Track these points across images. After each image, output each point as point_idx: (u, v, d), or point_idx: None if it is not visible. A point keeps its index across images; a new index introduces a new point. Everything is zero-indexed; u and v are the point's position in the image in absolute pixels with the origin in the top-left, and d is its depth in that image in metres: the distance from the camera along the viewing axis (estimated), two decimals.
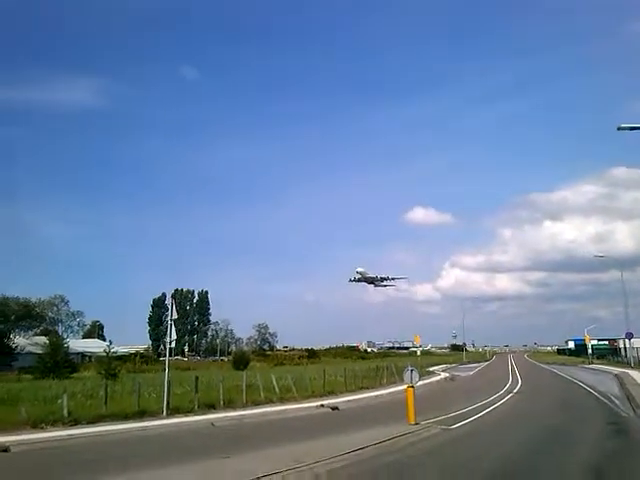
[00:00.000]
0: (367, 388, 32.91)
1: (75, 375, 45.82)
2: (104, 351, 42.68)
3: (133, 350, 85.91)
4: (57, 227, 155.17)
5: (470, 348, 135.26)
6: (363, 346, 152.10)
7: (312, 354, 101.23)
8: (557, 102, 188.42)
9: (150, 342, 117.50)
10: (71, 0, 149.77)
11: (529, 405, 25.96)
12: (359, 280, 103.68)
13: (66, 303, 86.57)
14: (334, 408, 23.39)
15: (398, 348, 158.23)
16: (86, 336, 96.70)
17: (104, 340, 78.95)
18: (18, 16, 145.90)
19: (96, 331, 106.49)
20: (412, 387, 17.71)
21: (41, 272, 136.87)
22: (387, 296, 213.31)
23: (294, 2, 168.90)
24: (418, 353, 52.15)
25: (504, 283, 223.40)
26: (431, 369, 57.74)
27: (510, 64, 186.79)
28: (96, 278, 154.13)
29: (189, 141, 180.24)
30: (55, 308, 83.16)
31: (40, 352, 48.73)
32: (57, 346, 47.13)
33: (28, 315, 60.74)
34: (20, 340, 59.15)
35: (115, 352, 45.90)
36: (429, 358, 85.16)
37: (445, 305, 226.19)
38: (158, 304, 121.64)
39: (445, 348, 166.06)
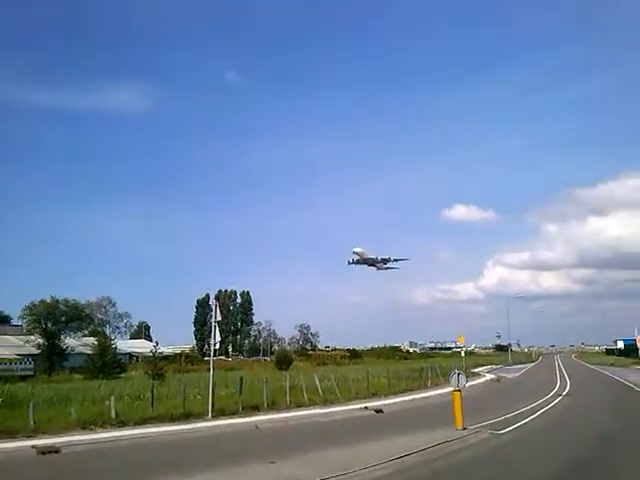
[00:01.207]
0: (411, 390, 32.53)
1: (123, 375, 46.83)
2: (151, 352, 43.51)
3: (179, 350, 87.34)
4: (104, 229, 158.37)
5: (515, 348, 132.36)
6: (405, 346, 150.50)
7: (354, 354, 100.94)
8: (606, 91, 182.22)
9: (195, 342, 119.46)
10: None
11: (579, 409, 25.15)
12: (358, 262, 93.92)
13: (113, 305, 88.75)
14: (378, 411, 23.14)
15: (441, 348, 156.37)
16: (133, 337, 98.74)
17: (151, 341, 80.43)
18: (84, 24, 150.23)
19: (143, 332, 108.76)
20: (459, 391, 17.34)
21: (88, 274, 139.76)
22: (429, 296, 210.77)
23: None
24: (462, 354, 51.04)
25: (550, 281, 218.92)
26: (476, 370, 56.87)
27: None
28: (141, 279, 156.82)
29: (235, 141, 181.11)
30: (103, 310, 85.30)
31: (90, 353, 49.95)
32: (105, 347, 48.24)
33: (77, 317, 62.19)
34: (70, 341, 60.77)
35: (161, 352, 46.63)
36: (473, 359, 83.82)
37: (489, 304, 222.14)
38: (202, 304, 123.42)
39: (489, 348, 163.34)
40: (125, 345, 72.85)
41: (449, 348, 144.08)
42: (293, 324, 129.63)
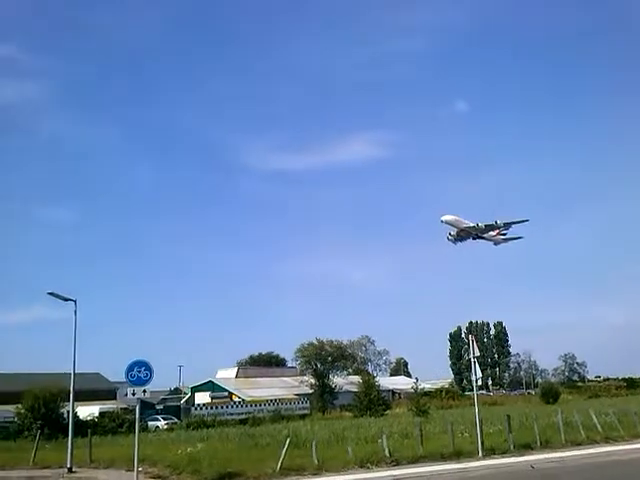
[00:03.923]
0: None
1: (388, 412, 48.42)
2: (412, 388, 44.65)
3: (438, 385, 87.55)
4: (352, 273, 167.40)
5: None
6: None
7: (631, 384, 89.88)
8: None
9: (452, 376, 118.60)
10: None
11: None
12: (459, 237, 69.84)
13: (372, 343, 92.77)
14: None
15: None
16: (393, 373, 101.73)
17: (409, 376, 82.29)
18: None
19: (401, 368, 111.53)
20: None
21: (347, 314, 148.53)
22: None
23: None
24: None
25: None
26: None
27: None
28: (396, 316, 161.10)
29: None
30: (363, 348, 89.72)
31: (355, 391, 52.87)
32: (370, 385, 50.54)
33: (342, 356, 66.82)
34: (337, 380, 65.29)
35: (422, 388, 47.43)
36: None
37: None
38: (455, 338, 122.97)
39: None
40: (386, 382, 75.45)
41: None
42: (554, 354, 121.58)
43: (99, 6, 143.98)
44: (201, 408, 50.15)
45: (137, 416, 17.98)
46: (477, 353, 22.65)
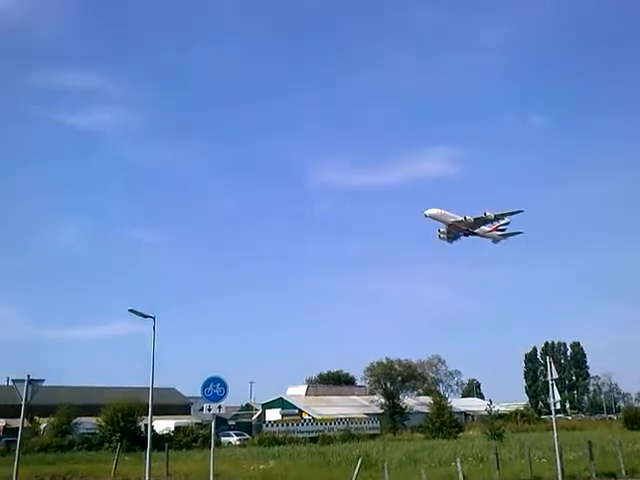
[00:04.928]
0: None
1: (461, 435, 47.16)
2: (485, 410, 43.35)
3: (512, 407, 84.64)
4: (422, 292, 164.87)
5: None
6: None
7: None
8: None
9: (528, 398, 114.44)
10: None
11: None
12: (451, 235, 62.63)
13: (443, 363, 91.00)
14: None
15: None
16: (465, 395, 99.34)
17: (482, 398, 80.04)
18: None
19: (473, 389, 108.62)
20: None
21: (417, 335, 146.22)
22: None
23: None
24: None
25: None
26: None
27: None
28: (467, 336, 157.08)
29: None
30: (434, 368, 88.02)
31: (426, 411, 51.85)
32: (442, 406, 49.42)
33: (412, 376, 66.02)
34: (408, 400, 64.45)
35: (496, 411, 46.03)
36: None
37: None
38: (531, 359, 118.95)
39: None
40: (459, 403, 73.75)
41: None
42: (637, 377, 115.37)
43: (195, 44, 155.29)
44: (272, 425, 50.54)
45: (212, 431, 18.41)
46: (555, 375, 21.74)
